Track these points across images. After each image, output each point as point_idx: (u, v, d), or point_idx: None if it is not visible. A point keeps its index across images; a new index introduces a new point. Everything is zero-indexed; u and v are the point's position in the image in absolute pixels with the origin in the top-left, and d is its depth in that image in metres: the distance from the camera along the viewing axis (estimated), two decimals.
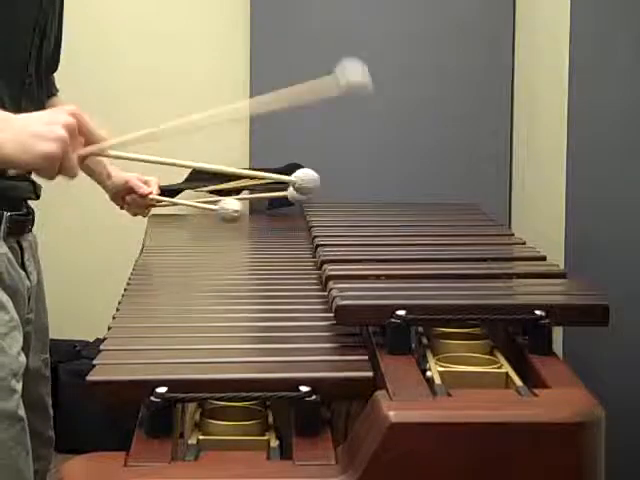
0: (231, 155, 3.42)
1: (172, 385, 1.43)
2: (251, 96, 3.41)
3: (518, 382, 1.49)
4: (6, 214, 1.78)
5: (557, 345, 2.42)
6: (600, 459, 1.33)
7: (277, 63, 3.39)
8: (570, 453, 1.29)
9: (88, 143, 1.60)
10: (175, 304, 1.98)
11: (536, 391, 1.40)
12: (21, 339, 1.80)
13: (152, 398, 1.40)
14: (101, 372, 1.53)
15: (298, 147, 3.32)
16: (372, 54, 3.45)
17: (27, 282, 1.87)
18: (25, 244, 1.88)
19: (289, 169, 3.01)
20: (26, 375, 1.82)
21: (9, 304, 1.76)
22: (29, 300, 1.90)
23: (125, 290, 2.07)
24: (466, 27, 3.39)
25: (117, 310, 1.91)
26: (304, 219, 2.78)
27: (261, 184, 3.03)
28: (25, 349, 1.85)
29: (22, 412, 1.77)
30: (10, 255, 1.79)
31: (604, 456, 1.33)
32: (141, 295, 2.06)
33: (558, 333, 2.58)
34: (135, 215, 2.44)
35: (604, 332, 1.83)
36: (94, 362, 1.58)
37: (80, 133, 1.56)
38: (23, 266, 1.87)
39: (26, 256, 1.88)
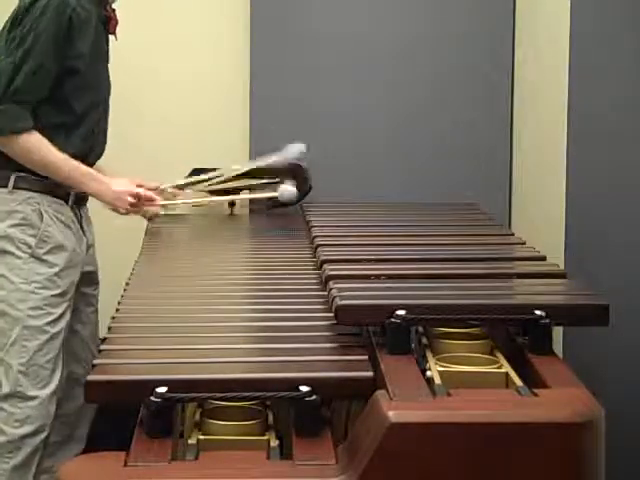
0: (231, 155, 3.41)
1: (172, 385, 1.43)
2: (251, 97, 3.41)
3: (518, 382, 1.49)
4: (72, 191, 2.57)
5: (557, 345, 2.42)
6: (600, 459, 1.33)
7: (277, 63, 3.39)
8: (570, 453, 1.29)
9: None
10: (175, 304, 1.98)
11: (536, 391, 1.40)
12: (77, 275, 2.59)
13: (152, 398, 1.41)
14: (101, 372, 1.54)
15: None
16: (372, 54, 3.46)
17: (84, 239, 2.64)
18: (82, 212, 2.65)
19: (289, 169, 3.03)
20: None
21: (73, 248, 2.56)
22: (88, 250, 2.67)
23: (125, 290, 2.07)
24: (466, 27, 3.38)
25: (117, 310, 1.91)
26: (304, 219, 2.78)
27: (260, 184, 3.04)
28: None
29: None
30: (74, 218, 2.60)
31: (604, 456, 1.33)
32: (141, 295, 2.06)
33: (558, 333, 2.58)
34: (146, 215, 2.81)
35: (604, 332, 1.83)
36: (94, 362, 1.58)
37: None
38: (82, 228, 2.63)
39: (84, 220, 2.65)
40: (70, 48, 2.49)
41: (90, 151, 2.61)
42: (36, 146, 2.49)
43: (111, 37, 2.68)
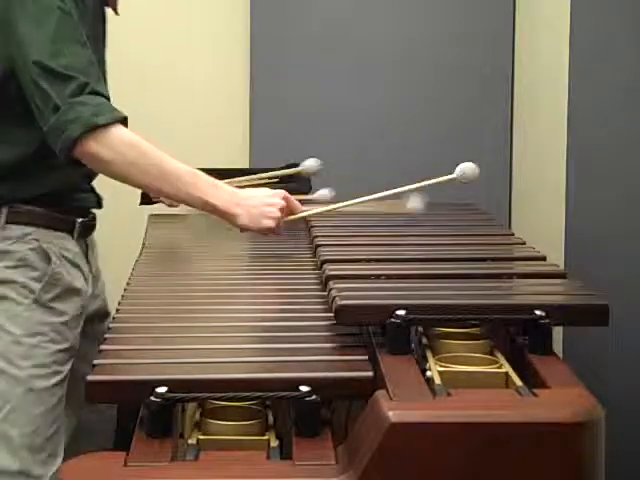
0: (231, 155, 3.42)
1: (172, 385, 1.43)
2: (251, 97, 3.41)
3: (518, 382, 1.49)
4: (78, 220, 2.18)
5: (557, 345, 2.42)
6: (600, 459, 1.33)
7: (277, 64, 3.39)
8: (570, 453, 1.29)
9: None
10: (175, 304, 1.98)
11: (536, 391, 1.40)
12: (81, 323, 2.18)
13: (152, 398, 1.41)
14: (101, 372, 1.54)
15: (298, 147, 3.32)
16: (371, 54, 3.46)
17: (90, 274, 2.24)
18: (89, 242, 2.27)
19: (289, 169, 3.02)
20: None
21: (85, 290, 2.19)
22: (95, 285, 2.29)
23: (125, 290, 2.07)
24: (466, 27, 3.39)
25: (117, 310, 1.91)
26: (304, 219, 2.78)
27: (262, 184, 3.03)
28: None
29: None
30: (81, 253, 2.20)
31: (604, 456, 1.33)
32: (141, 295, 2.06)
33: (558, 333, 2.58)
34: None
35: (604, 332, 1.83)
36: (94, 362, 1.58)
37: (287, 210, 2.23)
38: (87, 260, 2.25)
39: (89, 252, 2.27)
40: None
41: None
42: (137, 138, 2.03)
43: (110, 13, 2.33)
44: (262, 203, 2.19)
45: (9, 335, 2.06)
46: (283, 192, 2.25)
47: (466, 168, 2.46)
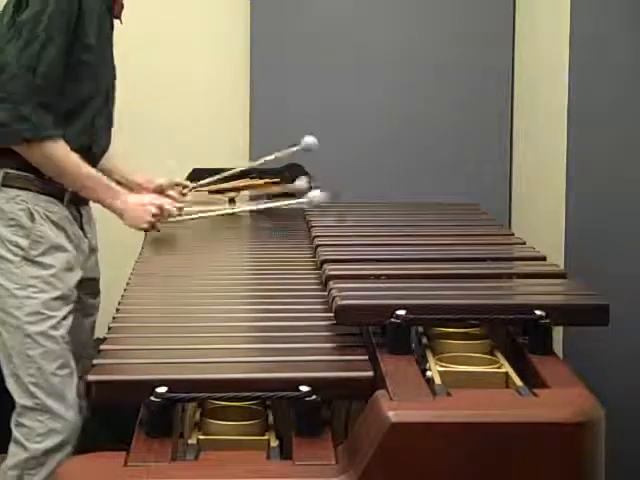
0: (231, 155, 3.41)
1: (172, 385, 1.43)
2: (251, 97, 3.41)
3: (518, 382, 1.49)
4: (68, 189, 2.38)
5: (557, 345, 2.42)
6: (600, 459, 1.33)
7: (277, 63, 3.39)
8: (570, 453, 1.29)
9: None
10: (175, 304, 1.98)
11: (536, 391, 1.40)
12: (78, 277, 2.41)
13: (152, 398, 1.41)
14: (101, 372, 1.54)
15: None
16: (371, 54, 3.46)
17: (85, 240, 2.47)
18: (83, 212, 2.47)
19: (288, 169, 3.03)
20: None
21: (71, 249, 2.39)
22: (90, 255, 2.51)
23: (125, 290, 2.07)
24: (466, 27, 3.39)
25: (117, 310, 1.91)
26: (304, 219, 2.78)
27: (261, 185, 3.04)
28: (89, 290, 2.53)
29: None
30: (70, 217, 2.41)
31: (604, 456, 1.33)
32: (141, 295, 2.06)
33: (558, 333, 2.58)
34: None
35: (604, 332, 1.83)
36: (94, 362, 1.58)
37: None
38: (82, 229, 2.47)
39: (84, 220, 2.48)
40: (78, 37, 2.33)
41: (91, 144, 2.43)
42: (58, 155, 2.31)
43: (116, 21, 2.53)
44: (142, 210, 2.49)
45: (4, 290, 2.33)
46: (161, 200, 2.55)
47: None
